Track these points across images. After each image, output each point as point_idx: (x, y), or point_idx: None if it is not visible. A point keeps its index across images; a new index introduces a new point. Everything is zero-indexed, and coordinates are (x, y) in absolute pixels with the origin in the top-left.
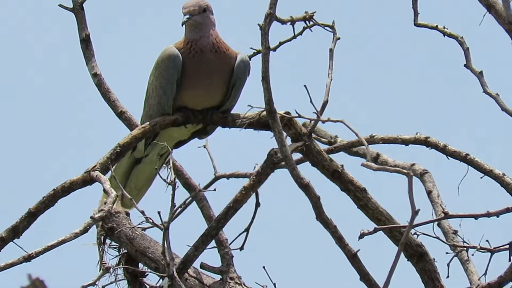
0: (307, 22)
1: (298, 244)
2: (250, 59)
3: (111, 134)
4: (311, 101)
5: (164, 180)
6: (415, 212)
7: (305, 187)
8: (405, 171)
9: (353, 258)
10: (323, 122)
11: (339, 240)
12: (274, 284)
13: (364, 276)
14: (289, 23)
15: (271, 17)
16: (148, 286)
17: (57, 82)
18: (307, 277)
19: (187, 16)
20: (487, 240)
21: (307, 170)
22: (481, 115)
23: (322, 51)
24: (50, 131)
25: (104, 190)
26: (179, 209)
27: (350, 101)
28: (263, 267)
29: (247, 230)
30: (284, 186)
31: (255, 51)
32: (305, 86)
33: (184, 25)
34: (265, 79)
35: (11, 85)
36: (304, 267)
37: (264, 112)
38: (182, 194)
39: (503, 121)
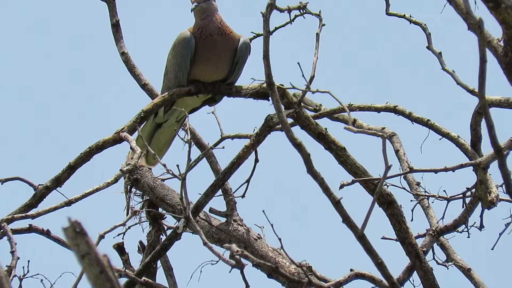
0: (300, 10)
1: (291, 193)
2: (250, 41)
3: (136, 102)
4: (303, 75)
5: (182, 139)
6: (388, 167)
7: (298, 146)
8: (380, 133)
9: (337, 204)
10: (313, 92)
11: (326, 190)
12: (272, 225)
13: (346, 219)
14: (286, 11)
15: (271, 6)
16: (166, 227)
17: (93, 58)
18: (298, 219)
19: (195, 4)
20: (444, 191)
21: (296, 133)
22: (440, 87)
23: (311, 35)
24: (88, 99)
25: (131, 148)
26: (194, 163)
27: (333, 75)
28: (263, 211)
29: (248, 181)
30: (278, 146)
31: (255, 34)
32: (298, 63)
33: (193, 12)
34: (266, 57)
35: (58, 61)
36: (296, 212)
37: (264, 84)
38: (195, 152)
39: (458, 92)
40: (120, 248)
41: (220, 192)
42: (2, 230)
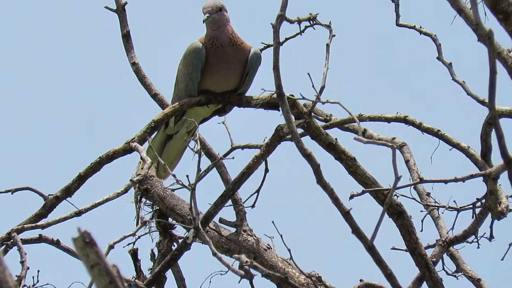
0: (310, 21)
1: (301, 203)
2: (261, 52)
3: (147, 112)
4: (313, 86)
5: (192, 149)
6: (398, 178)
7: (308, 156)
8: (390, 144)
9: (346, 215)
10: (323, 103)
11: (335, 200)
12: (281, 236)
13: (355, 229)
14: (296, 22)
15: (281, 17)
16: (176, 237)
17: (104, 69)
18: (308, 229)
19: (207, 15)
20: (454, 201)
21: (307, 143)
22: (450, 98)
23: (321, 45)
24: (98, 109)
25: (141, 158)
26: (203, 173)
27: (343, 85)
28: (272, 222)
29: (257, 191)
30: (288, 156)
31: (265, 45)
32: (308, 74)
33: (205, 23)
34: (276, 68)
35: (68, 71)
36: (306, 222)
37: (275, 95)
38: (205, 162)
39: (468, 103)
40: (135, 254)
41: (230, 202)
42: (12, 240)
